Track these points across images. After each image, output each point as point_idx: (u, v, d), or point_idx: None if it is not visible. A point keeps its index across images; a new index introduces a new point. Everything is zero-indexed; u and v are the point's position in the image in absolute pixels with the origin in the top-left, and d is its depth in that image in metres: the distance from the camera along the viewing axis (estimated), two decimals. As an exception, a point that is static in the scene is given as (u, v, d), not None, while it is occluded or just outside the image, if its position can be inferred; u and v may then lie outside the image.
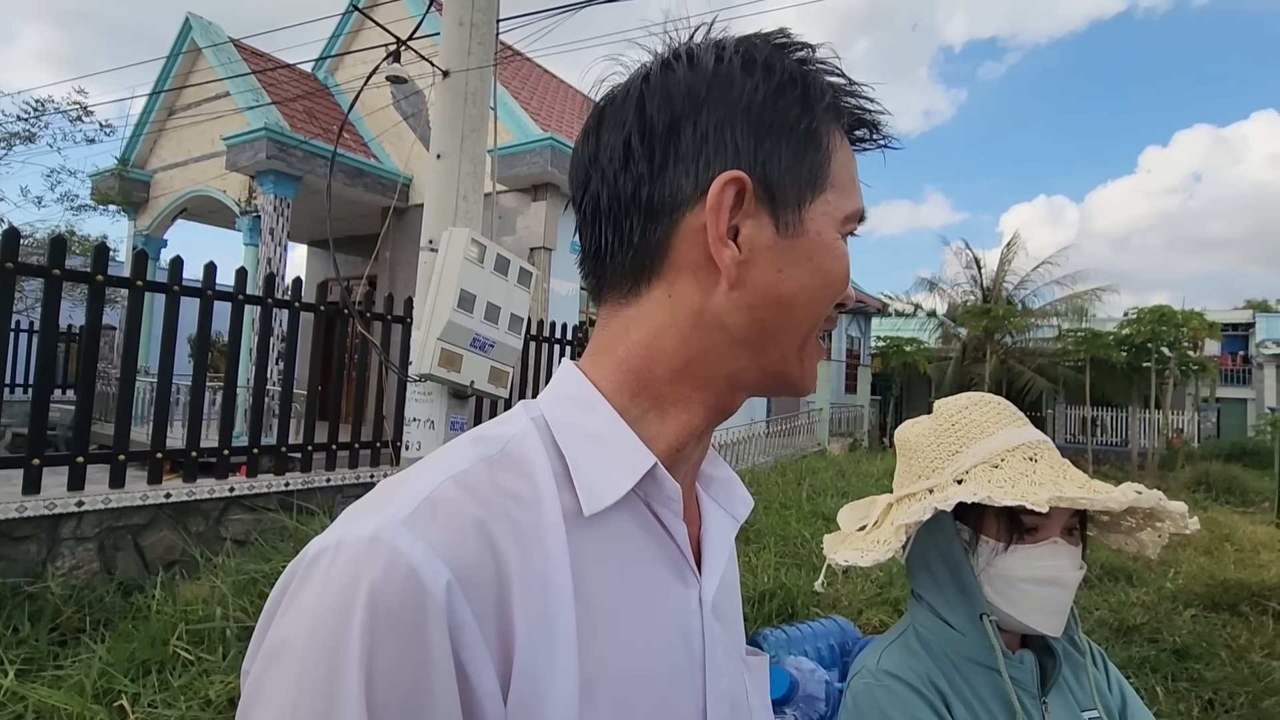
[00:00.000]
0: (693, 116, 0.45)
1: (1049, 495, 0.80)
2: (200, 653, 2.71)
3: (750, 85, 0.45)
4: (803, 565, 4.41)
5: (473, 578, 0.36)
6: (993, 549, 0.87)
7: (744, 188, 0.44)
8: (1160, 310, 15.36)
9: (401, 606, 0.34)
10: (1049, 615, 0.86)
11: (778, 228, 0.45)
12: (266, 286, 4.57)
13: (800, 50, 0.47)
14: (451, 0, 3.32)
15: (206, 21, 8.78)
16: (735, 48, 0.46)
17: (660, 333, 0.46)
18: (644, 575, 0.45)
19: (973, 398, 0.97)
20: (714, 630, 0.48)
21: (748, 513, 0.57)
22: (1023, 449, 0.89)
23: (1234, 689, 3.30)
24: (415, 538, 0.35)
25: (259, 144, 7.48)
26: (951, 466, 0.91)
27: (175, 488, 3.93)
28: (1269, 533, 6.64)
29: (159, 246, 9.90)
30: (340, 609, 0.34)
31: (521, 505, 0.40)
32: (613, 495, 0.43)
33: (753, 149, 0.45)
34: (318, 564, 0.36)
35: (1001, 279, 18.44)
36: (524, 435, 0.44)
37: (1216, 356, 19.61)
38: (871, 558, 0.88)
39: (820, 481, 8.24)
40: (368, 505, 0.39)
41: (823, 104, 0.46)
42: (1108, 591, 4.70)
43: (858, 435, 15.53)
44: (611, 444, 0.45)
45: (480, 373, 3.27)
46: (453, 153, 3.24)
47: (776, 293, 0.45)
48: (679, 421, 0.47)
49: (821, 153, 0.46)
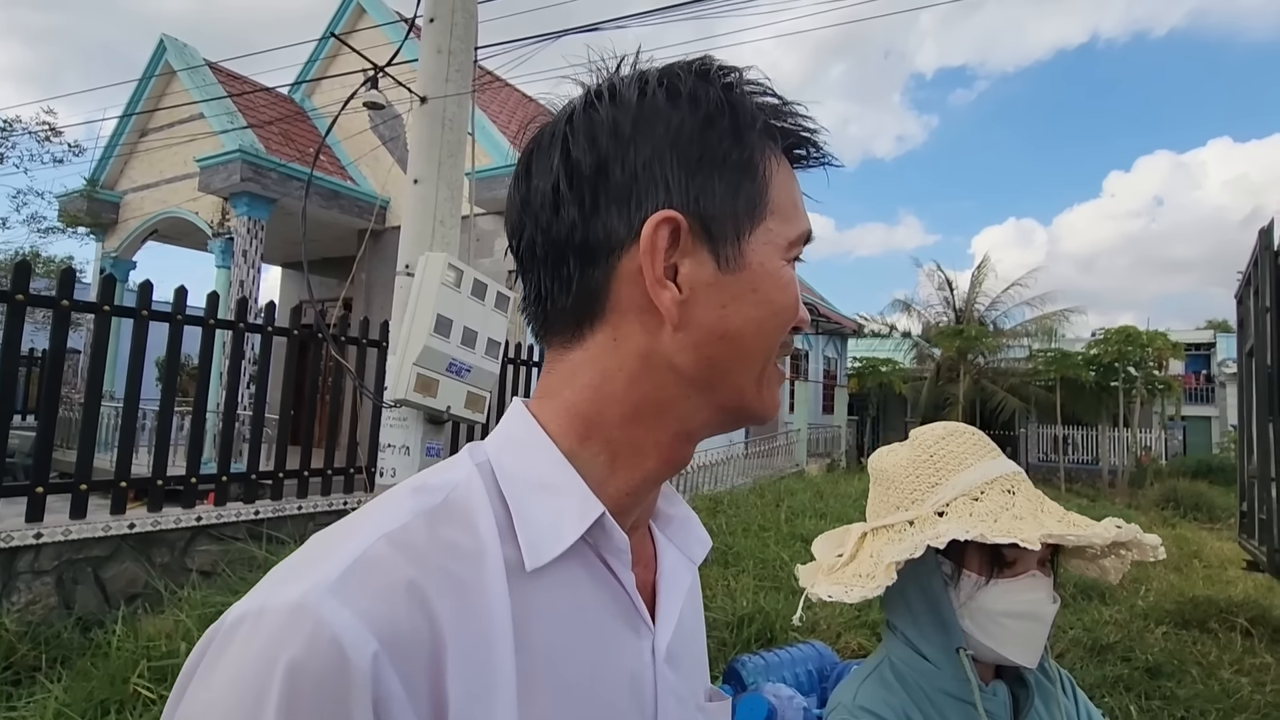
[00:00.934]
0: (620, 155, 0.43)
1: (1039, 532, 0.81)
2: (163, 691, 2.61)
3: (677, 118, 0.44)
4: (781, 589, 4.40)
5: (403, 645, 0.34)
6: (974, 583, 0.87)
7: (678, 226, 0.43)
8: (1126, 331, 15.80)
9: (322, 682, 0.32)
10: (1026, 648, 0.86)
11: (718, 263, 0.44)
12: (239, 310, 4.50)
13: (727, 76, 0.46)
14: (430, 28, 3.35)
15: (181, 43, 8.74)
16: (659, 80, 0.45)
17: (608, 376, 0.44)
18: (592, 628, 0.43)
19: (948, 428, 0.98)
20: (667, 680, 0.46)
21: (705, 553, 0.54)
22: (1000, 481, 0.90)
23: (1205, 706, 3.34)
24: (341, 605, 0.34)
25: (233, 166, 7.41)
26: (932, 499, 0.91)
27: (139, 517, 3.82)
28: (1235, 549, 6.78)
29: (128, 268, 9.72)
30: (257, 685, 0.32)
31: (462, 560, 0.39)
32: (559, 546, 0.41)
33: (684, 185, 0.43)
34: (237, 632, 0.34)
35: (973, 300, 18.86)
36: (468, 483, 0.43)
37: (1181, 375, 20.18)
38: (858, 594, 0.87)
39: (799, 503, 8.26)
40: (295, 567, 0.37)
41: (754, 130, 0.45)
42: (1081, 610, 4.75)
43: (835, 456, 15.62)
44: (558, 491, 0.43)
45: (457, 398, 3.24)
46: (430, 178, 3.24)
47: (723, 329, 0.44)
48: (630, 466, 0.45)
49: (758, 181, 0.45)
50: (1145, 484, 14.45)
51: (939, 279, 19.51)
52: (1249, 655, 4.02)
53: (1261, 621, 4.44)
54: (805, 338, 15.58)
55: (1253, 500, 3.28)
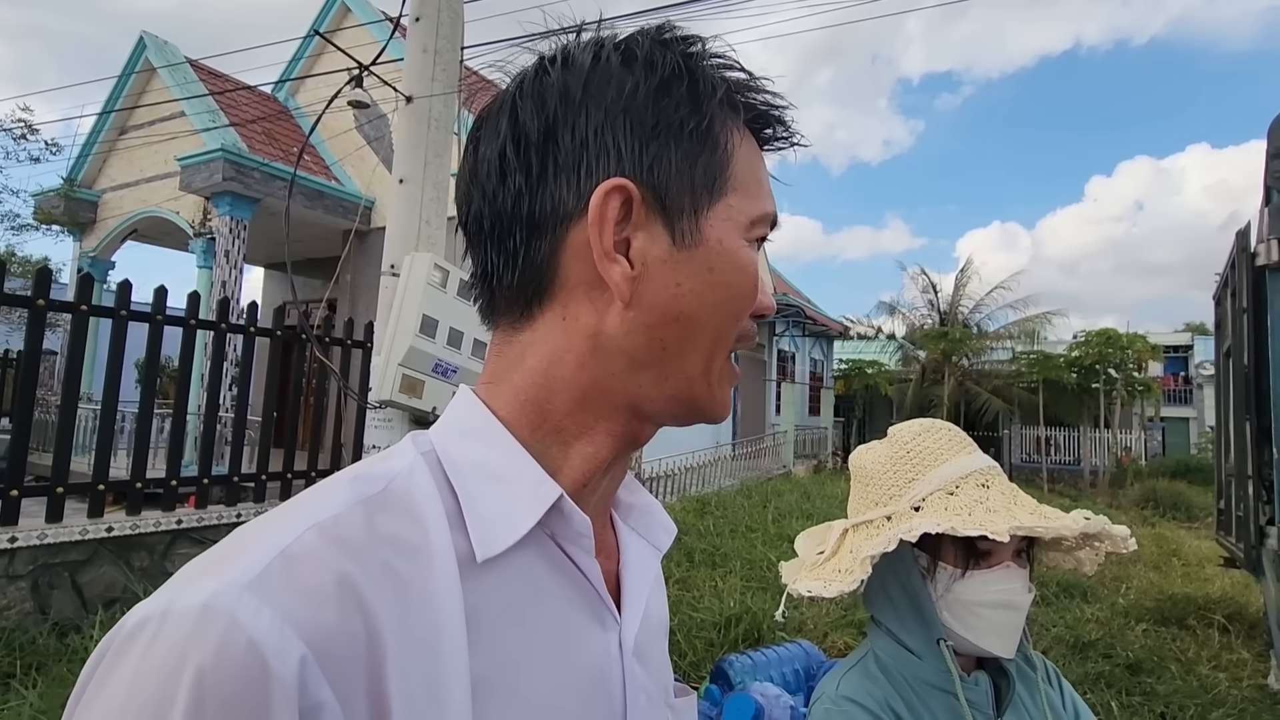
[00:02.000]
0: (570, 121, 0.41)
1: (1008, 525, 0.83)
2: (141, 696, 2.57)
3: (631, 83, 0.41)
4: (768, 589, 4.41)
5: (335, 649, 0.31)
6: (950, 575, 0.89)
7: (629, 196, 0.40)
8: (1107, 333, 16.02)
9: (237, 693, 0.28)
10: (1003, 638, 0.88)
11: (673, 238, 0.41)
12: (221, 311, 4.45)
13: (688, 44, 0.43)
14: (415, 27, 3.33)
15: (162, 41, 8.62)
16: (615, 45, 0.43)
17: (557, 358, 0.42)
18: (554, 622, 0.40)
19: (924, 424, 1.00)
20: (636, 676, 0.44)
21: (670, 541, 0.52)
22: (975, 475, 0.92)
23: (1184, 702, 3.39)
24: (261, 604, 0.30)
25: (215, 165, 7.32)
26: (909, 494, 0.93)
27: (118, 521, 3.75)
28: (1212, 547, 6.90)
29: (106, 268, 9.57)
30: (158, 699, 0.28)
31: (405, 554, 0.35)
32: (513, 535, 0.38)
33: (637, 153, 0.41)
34: (136, 639, 0.30)
35: (957, 303, 19.05)
36: (411, 472, 0.39)
37: (1160, 377, 20.47)
38: (836, 588, 0.89)
39: (786, 504, 8.29)
40: (209, 562, 0.33)
41: (714, 99, 0.42)
42: (1064, 608, 4.81)
43: (822, 457, 15.71)
44: (510, 478, 0.40)
45: (442, 399, 3.22)
46: (416, 178, 3.22)
47: (676, 309, 0.41)
48: (583, 454, 0.42)
49: (719, 153, 0.42)
50: (1126, 484, 14.66)
51: (923, 282, 19.71)
52: (1226, 651, 4.09)
53: (1238, 618, 4.51)
54: (792, 339, 15.66)
55: (1230, 498, 3.33)
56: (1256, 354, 2.63)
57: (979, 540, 0.86)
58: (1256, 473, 2.71)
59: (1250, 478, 2.72)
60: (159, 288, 4.00)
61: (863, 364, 19.00)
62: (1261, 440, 2.67)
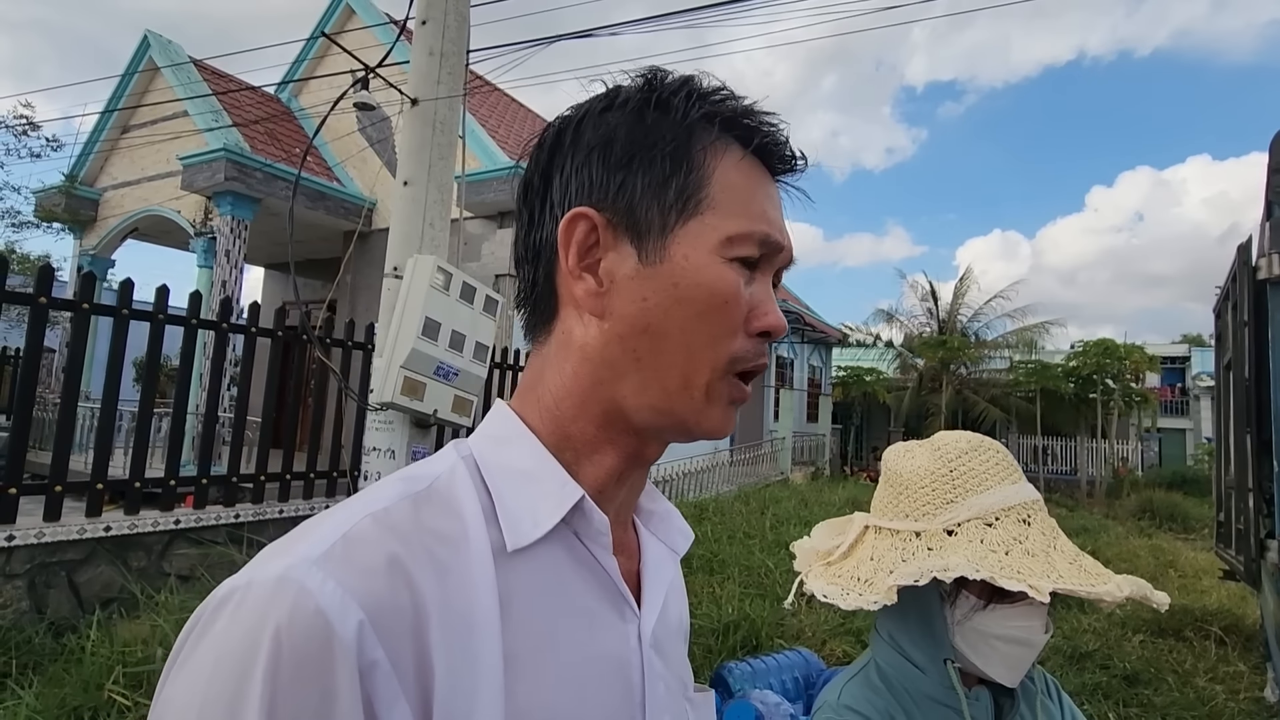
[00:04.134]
0: (559, 165, 0.47)
1: (1051, 584, 0.79)
2: (138, 698, 2.56)
3: (609, 121, 0.46)
4: (767, 596, 4.40)
5: (387, 617, 0.35)
6: (973, 605, 0.87)
7: (592, 221, 0.45)
8: (1104, 344, 16.05)
9: (308, 650, 0.33)
10: (1012, 670, 0.87)
11: (639, 256, 0.45)
12: (223, 310, 4.44)
13: (673, 84, 0.47)
14: (421, 30, 3.34)
15: (166, 40, 8.63)
16: (603, 95, 0.48)
17: (562, 371, 0.47)
18: (577, 609, 0.44)
19: (973, 441, 0.94)
20: (654, 666, 0.47)
21: (688, 545, 0.56)
22: (1018, 510, 0.87)
23: (1181, 714, 3.39)
24: (326, 577, 0.35)
25: (218, 164, 7.32)
26: (944, 516, 0.89)
27: (116, 520, 3.74)
28: (1209, 559, 6.90)
29: (106, 266, 9.56)
30: (243, 653, 0.33)
31: (445, 543, 0.40)
32: (539, 529, 0.43)
33: (606, 182, 0.45)
34: (225, 606, 0.35)
35: (956, 311, 19.07)
36: (452, 473, 0.44)
37: (1157, 388, 20.52)
38: (854, 602, 0.86)
39: (783, 510, 8.28)
40: (281, 545, 0.38)
41: (683, 125, 0.45)
42: (1061, 619, 4.80)
43: (820, 464, 15.70)
44: (537, 478, 0.45)
45: (444, 401, 3.22)
46: (420, 180, 3.23)
47: (644, 322, 0.44)
48: (595, 463, 0.47)
49: (693, 175, 0.45)
50: (1122, 494, 14.66)
51: (922, 290, 19.74)
52: (1223, 663, 4.09)
53: (1235, 630, 4.51)
54: (790, 346, 15.67)
55: (1229, 511, 3.34)
56: (1257, 367, 2.64)
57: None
58: (1257, 486, 2.71)
59: (1250, 491, 2.73)
60: (161, 287, 3.99)
61: (861, 371, 19.01)
62: (1262, 453, 2.68)
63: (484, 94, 9.46)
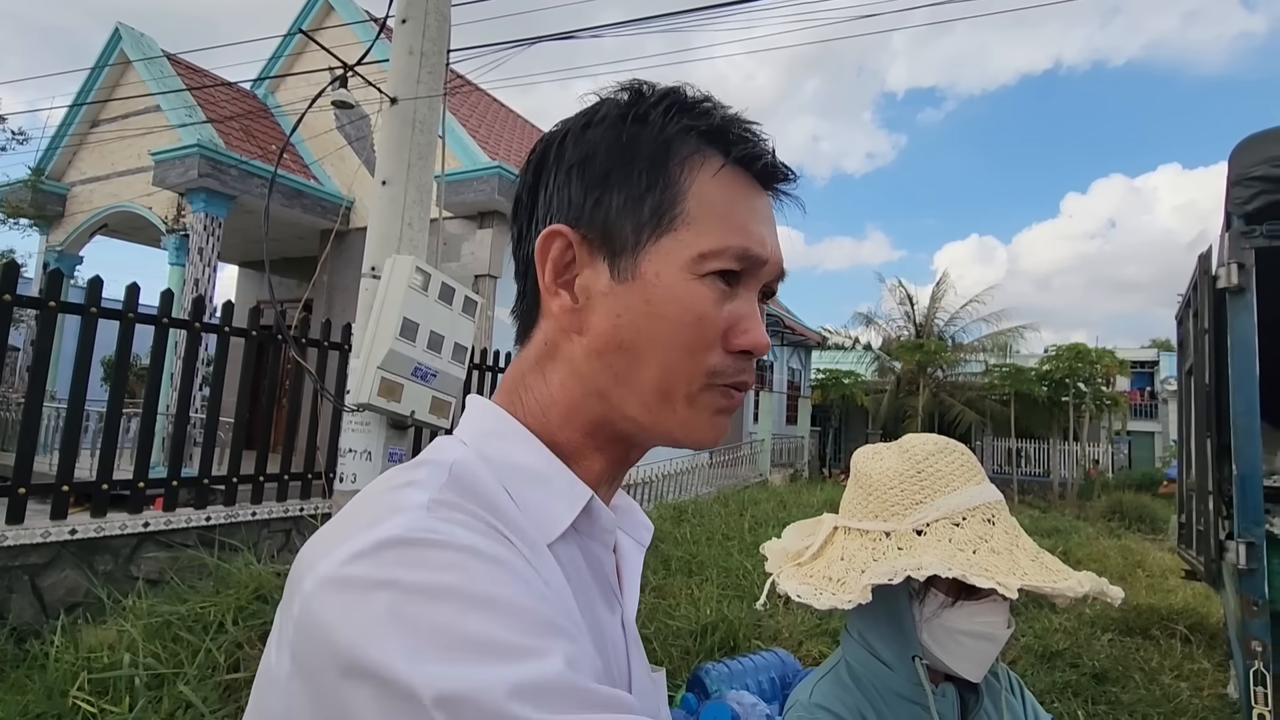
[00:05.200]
0: (544, 181, 0.48)
1: (1019, 581, 0.82)
2: (104, 704, 2.50)
3: (589, 138, 0.47)
4: (745, 597, 4.42)
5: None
6: (940, 602, 0.90)
7: (567, 239, 0.46)
8: (1077, 348, 16.38)
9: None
10: (977, 665, 0.90)
11: (613, 273, 0.45)
12: (195, 309, 4.36)
13: (654, 97, 0.47)
14: (401, 28, 3.32)
15: (138, 33, 8.46)
16: (584, 112, 0.48)
17: (546, 380, 0.48)
18: (588, 601, 0.46)
19: (939, 444, 0.97)
20: (635, 648, 0.50)
21: (650, 537, 0.58)
22: (983, 509, 0.91)
23: (1147, 711, 3.47)
24: (445, 522, 0.36)
25: (191, 160, 7.19)
26: (913, 516, 0.91)
27: (82, 523, 3.66)
28: (1175, 559, 7.08)
29: (73, 263, 9.33)
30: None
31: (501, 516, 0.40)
32: (558, 528, 0.43)
33: (582, 199, 0.46)
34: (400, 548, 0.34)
35: (933, 315, 19.33)
36: (466, 459, 0.43)
37: (1127, 392, 20.98)
38: (828, 602, 0.88)
39: (762, 512, 8.33)
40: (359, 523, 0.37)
41: (663, 137, 0.45)
42: (1033, 618, 4.89)
43: (798, 466, 15.81)
44: (546, 478, 0.45)
45: (421, 403, 3.20)
46: (398, 179, 3.20)
47: (618, 338, 0.44)
48: (583, 468, 0.47)
49: (669, 190, 0.45)
50: (1093, 496, 14.97)
51: (900, 294, 19.99)
52: (1188, 661, 4.19)
53: (1199, 628, 4.63)
54: (770, 349, 15.74)
55: (1191, 512, 3.43)
56: (1217, 373, 2.71)
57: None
58: (1216, 488, 2.79)
59: (1211, 493, 2.80)
60: (131, 285, 3.91)
61: (839, 374, 19.20)
62: (1221, 457, 2.76)
63: (464, 94, 9.40)
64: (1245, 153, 2.42)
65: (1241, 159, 2.41)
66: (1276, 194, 2.33)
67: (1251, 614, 2.19)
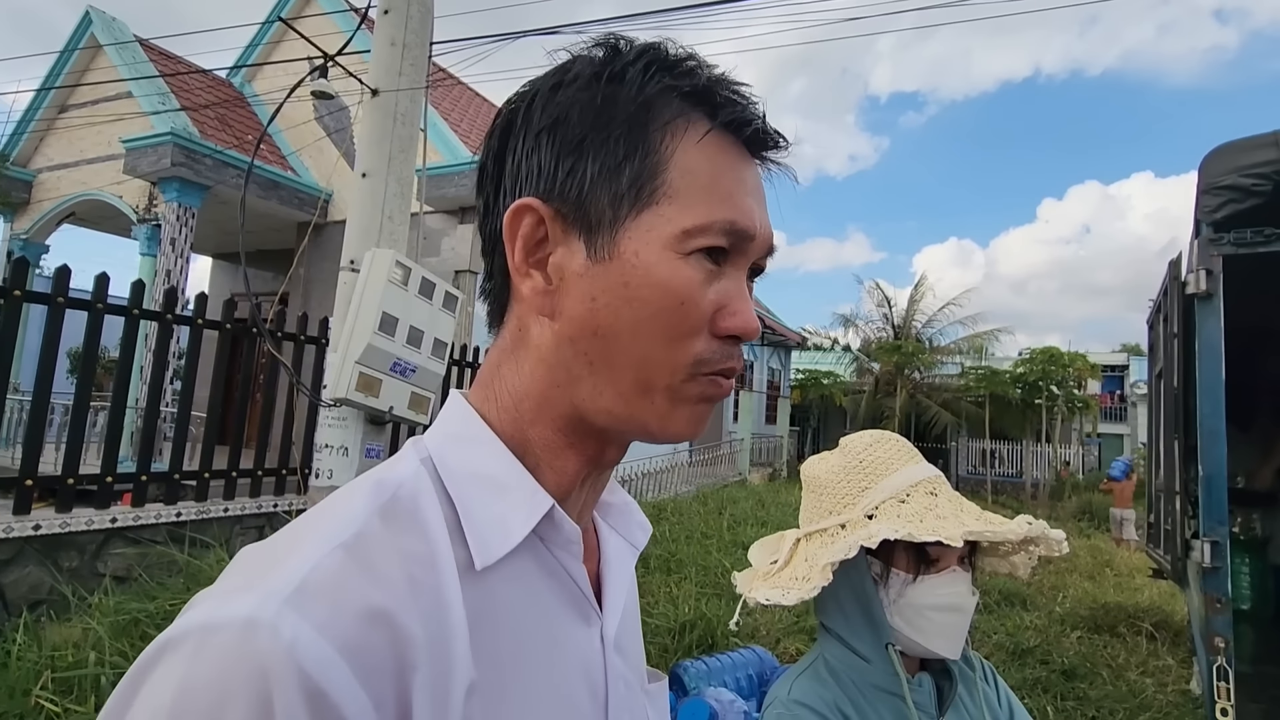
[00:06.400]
0: (512, 146, 0.43)
1: (960, 530, 0.87)
2: (68, 704, 2.44)
3: (561, 100, 0.41)
4: (723, 595, 4.44)
5: (368, 658, 0.32)
6: (903, 580, 0.92)
7: (538, 215, 0.41)
8: (1050, 351, 16.70)
9: (284, 704, 0.29)
10: (950, 639, 0.92)
11: (589, 252, 0.40)
12: (167, 301, 4.27)
13: (633, 53, 0.42)
14: (383, 19, 3.27)
15: (110, 17, 8.26)
16: (555, 70, 0.43)
17: (518, 369, 0.43)
18: (544, 621, 0.42)
19: (875, 435, 1.03)
20: (616, 666, 0.46)
21: (646, 539, 0.54)
22: (924, 484, 0.95)
23: (1114, 706, 3.55)
24: (300, 619, 0.31)
25: (164, 149, 7.04)
26: (862, 502, 0.95)
27: (46, 518, 3.56)
28: (1142, 559, 7.25)
29: (39, 252, 9.11)
30: (211, 706, 0.29)
31: (417, 563, 0.36)
32: (508, 543, 0.40)
33: (555, 169, 0.41)
34: (179, 651, 0.30)
35: (911, 317, 19.58)
36: (415, 480, 0.40)
37: (1098, 395, 21.42)
38: (795, 595, 0.91)
39: (741, 511, 8.38)
40: (240, 580, 0.34)
41: (642, 98, 0.40)
42: (1004, 616, 4.98)
43: (777, 465, 15.93)
44: (504, 487, 0.41)
45: (400, 398, 3.16)
46: (379, 172, 3.16)
47: (594, 324, 0.40)
48: (555, 468, 0.43)
49: (649, 159, 0.40)
50: (1064, 497, 15.28)
51: (879, 296, 20.21)
52: (1153, 658, 4.30)
53: (1165, 626, 4.75)
54: (751, 348, 15.86)
55: (1159, 513, 3.51)
56: (1185, 377, 2.78)
57: (930, 546, 0.90)
58: (1183, 489, 2.86)
59: (1177, 494, 2.87)
60: (101, 275, 3.82)
61: (819, 374, 19.37)
62: (1188, 459, 2.83)
63: (447, 87, 9.32)
64: (1214, 162, 2.47)
65: (1211, 168, 2.47)
66: (1244, 202, 2.39)
67: (1215, 611, 2.25)
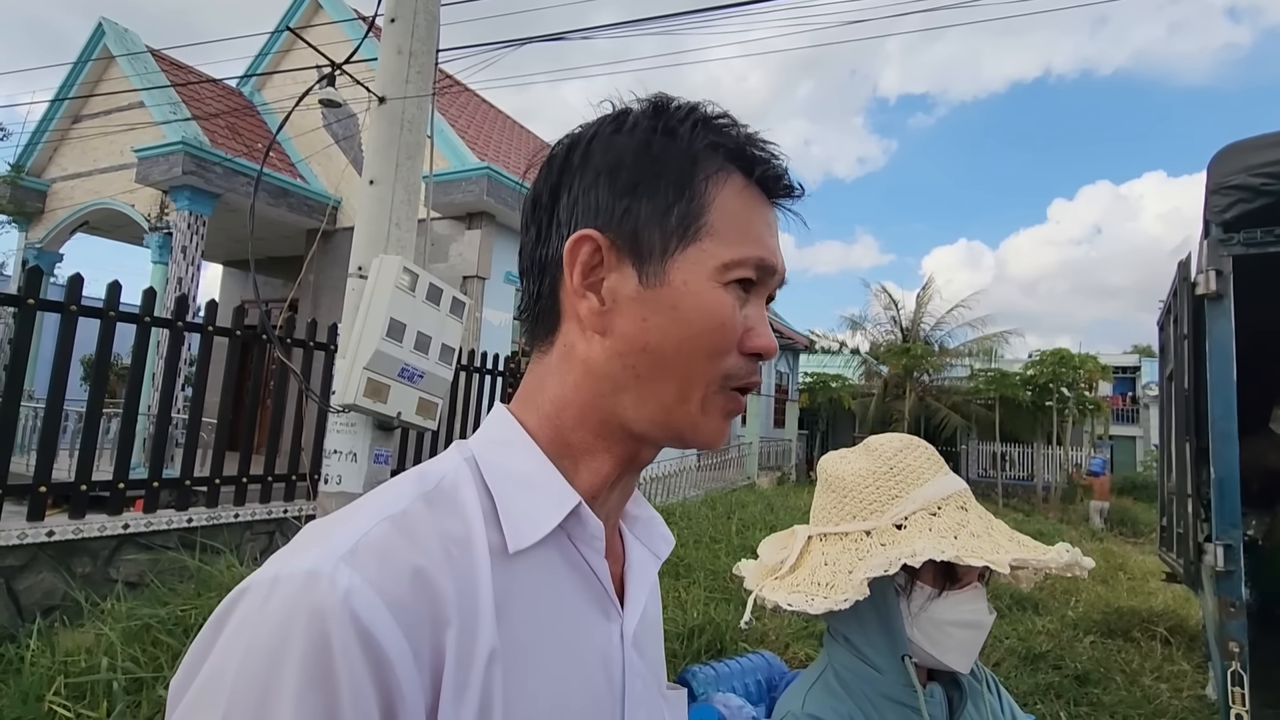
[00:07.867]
0: (568, 184, 0.50)
1: (1006, 556, 0.84)
2: (81, 709, 2.46)
3: (617, 145, 0.49)
4: (732, 600, 4.43)
5: (409, 612, 0.37)
6: (927, 595, 0.90)
7: (597, 244, 0.47)
8: (1060, 353, 16.56)
9: (338, 641, 0.34)
10: (966, 655, 0.90)
11: (640, 278, 0.47)
12: (178, 308, 4.31)
13: (680, 111, 0.50)
14: (390, 27, 3.30)
15: (122, 28, 8.36)
16: (612, 117, 0.50)
17: (563, 381, 0.49)
18: (566, 609, 0.46)
19: (904, 440, 0.99)
20: (634, 663, 0.50)
21: (669, 551, 0.59)
22: (955, 498, 0.93)
23: (1128, 712, 3.51)
24: (353, 572, 0.36)
25: (175, 158, 7.11)
26: (891, 511, 0.92)
27: (59, 525, 3.59)
28: (1156, 562, 7.17)
29: (53, 260, 9.20)
30: (274, 643, 0.34)
31: (456, 543, 0.42)
32: (538, 533, 0.45)
33: (612, 206, 0.48)
34: (251, 596, 0.37)
35: (919, 320, 19.47)
36: (456, 473, 0.46)
37: (1109, 397, 21.24)
38: (823, 605, 0.88)
39: (749, 515, 8.35)
40: (305, 542, 0.40)
41: (687, 156, 0.48)
42: (1016, 621, 4.93)
43: (786, 469, 15.86)
44: (537, 484, 0.47)
45: (408, 404, 3.18)
46: (386, 179, 3.18)
47: (644, 341, 0.47)
48: (590, 469, 0.49)
49: (694, 203, 0.48)
50: (1076, 500, 15.14)
51: (886, 298, 20.12)
52: (1168, 663, 4.25)
53: (1179, 630, 4.69)
54: (758, 352, 15.78)
55: (1171, 515, 3.47)
56: (1196, 379, 2.75)
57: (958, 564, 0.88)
58: (1195, 491, 2.83)
59: (1190, 496, 2.84)
60: (113, 283, 3.86)
61: (827, 378, 19.29)
62: (1200, 461, 2.80)
63: (454, 94, 9.37)
64: (1223, 162, 2.45)
65: (1220, 168, 2.45)
66: (1253, 202, 2.37)
67: (1229, 615, 2.22)
